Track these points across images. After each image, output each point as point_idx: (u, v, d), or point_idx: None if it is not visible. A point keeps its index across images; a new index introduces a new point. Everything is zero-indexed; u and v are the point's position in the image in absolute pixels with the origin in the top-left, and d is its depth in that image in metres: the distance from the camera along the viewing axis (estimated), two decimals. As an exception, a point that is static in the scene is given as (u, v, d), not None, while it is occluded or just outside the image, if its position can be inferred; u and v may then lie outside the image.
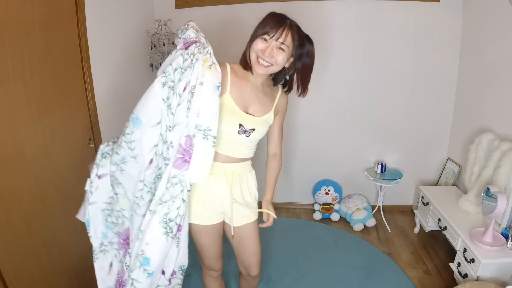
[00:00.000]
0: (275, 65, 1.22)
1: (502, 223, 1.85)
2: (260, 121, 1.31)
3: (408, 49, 2.59)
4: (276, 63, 1.21)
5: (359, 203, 2.82)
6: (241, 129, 1.26)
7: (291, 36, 1.20)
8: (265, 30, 1.18)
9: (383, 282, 2.07)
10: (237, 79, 1.28)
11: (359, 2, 2.52)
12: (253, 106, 1.30)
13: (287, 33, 1.19)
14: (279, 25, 1.18)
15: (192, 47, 1.18)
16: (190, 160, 1.19)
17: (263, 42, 1.20)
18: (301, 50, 1.26)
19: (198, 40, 1.21)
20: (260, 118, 1.31)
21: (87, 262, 1.96)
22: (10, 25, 1.41)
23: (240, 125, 1.26)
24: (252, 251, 1.45)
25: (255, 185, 1.45)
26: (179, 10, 2.70)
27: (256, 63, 1.22)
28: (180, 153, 1.19)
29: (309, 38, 1.28)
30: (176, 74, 1.15)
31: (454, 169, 2.60)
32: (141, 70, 2.55)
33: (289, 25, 1.20)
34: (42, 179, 1.62)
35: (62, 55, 1.73)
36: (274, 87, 1.39)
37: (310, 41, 1.28)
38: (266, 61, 1.20)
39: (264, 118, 1.32)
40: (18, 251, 1.49)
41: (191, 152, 1.18)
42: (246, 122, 1.27)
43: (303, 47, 1.26)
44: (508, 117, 2.05)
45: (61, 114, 1.74)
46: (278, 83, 1.39)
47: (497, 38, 2.13)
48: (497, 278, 1.69)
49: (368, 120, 2.80)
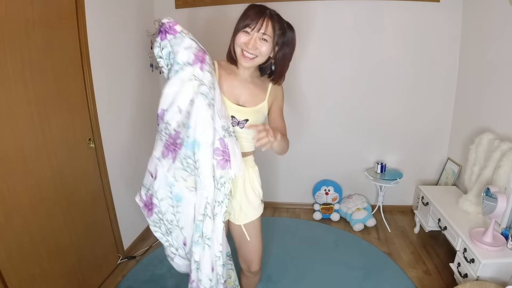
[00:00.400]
0: (259, 56, 1.24)
1: (502, 223, 1.85)
2: (252, 111, 1.33)
3: (408, 49, 2.59)
4: (260, 54, 1.24)
5: (359, 203, 2.82)
6: (234, 121, 1.30)
7: (271, 25, 1.21)
8: (246, 23, 1.21)
9: (383, 282, 2.07)
10: (225, 74, 1.32)
11: (359, 2, 2.52)
12: (244, 98, 1.33)
13: (267, 24, 1.20)
14: (259, 16, 1.20)
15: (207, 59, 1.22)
16: (229, 159, 1.23)
17: (246, 35, 1.22)
18: (283, 38, 1.27)
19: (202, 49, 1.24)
20: (252, 108, 1.33)
21: (87, 262, 1.96)
22: (10, 25, 1.41)
23: (233, 117, 1.29)
24: (253, 247, 1.49)
25: (258, 182, 1.46)
26: (179, 10, 2.70)
27: (241, 57, 1.24)
28: (219, 155, 1.22)
29: (290, 26, 1.29)
30: (211, 90, 1.19)
31: (454, 169, 2.60)
32: (141, 70, 2.55)
33: (269, 15, 1.21)
34: (42, 179, 1.62)
35: (62, 55, 1.73)
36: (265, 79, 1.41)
37: (292, 29, 1.29)
38: (250, 53, 1.22)
39: (256, 108, 1.34)
40: (18, 251, 1.49)
41: (228, 151, 1.23)
42: (238, 113, 1.30)
43: (285, 36, 1.27)
44: (508, 117, 2.05)
45: (61, 114, 1.74)
46: (265, 73, 1.40)
47: (497, 38, 2.13)
48: (497, 278, 1.69)
49: (368, 120, 2.80)
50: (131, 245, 2.45)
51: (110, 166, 2.15)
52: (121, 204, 2.29)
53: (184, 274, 1.49)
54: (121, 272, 2.19)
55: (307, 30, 2.62)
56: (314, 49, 2.66)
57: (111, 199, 2.18)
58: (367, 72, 2.68)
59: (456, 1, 2.46)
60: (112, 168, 2.18)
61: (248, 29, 1.21)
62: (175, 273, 2.16)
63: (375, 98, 2.74)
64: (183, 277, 2.12)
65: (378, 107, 2.76)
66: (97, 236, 2.05)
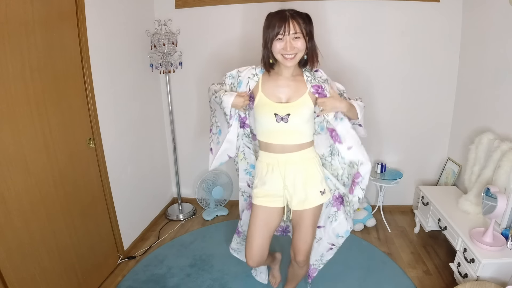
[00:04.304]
0: (299, 52, 1.36)
1: (502, 223, 1.85)
2: (294, 105, 1.42)
3: (408, 49, 2.59)
4: (299, 50, 1.36)
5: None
6: (278, 117, 1.41)
7: (297, 24, 1.32)
8: (276, 32, 1.32)
9: (383, 282, 2.07)
10: (267, 78, 1.47)
11: (359, 2, 2.52)
12: (287, 95, 1.44)
13: (293, 24, 1.32)
14: (283, 21, 1.31)
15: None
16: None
17: (280, 42, 1.34)
18: (309, 27, 1.38)
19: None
20: (294, 102, 1.42)
21: (87, 262, 1.96)
22: (10, 25, 1.41)
23: (275, 114, 1.41)
24: (302, 237, 1.56)
25: (319, 172, 1.53)
26: (179, 10, 2.70)
27: (284, 60, 1.36)
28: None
29: (308, 15, 1.39)
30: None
31: (454, 169, 2.60)
32: (141, 70, 2.55)
33: (291, 16, 1.32)
34: (42, 179, 1.62)
35: (62, 55, 1.73)
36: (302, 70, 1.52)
37: (309, 17, 1.40)
38: (291, 54, 1.34)
39: (298, 101, 1.43)
40: (18, 251, 1.49)
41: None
42: (280, 110, 1.41)
43: (309, 24, 1.38)
44: (508, 117, 2.05)
45: (61, 114, 1.74)
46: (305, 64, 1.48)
47: (497, 38, 2.13)
48: (497, 278, 1.69)
49: (368, 120, 2.77)
50: (131, 245, 2.45)
51: (110, 166, 2.15)
52: (121, 204, 2.29)
53: (185, 274, 1.49)
54: (121, 272, 2.19)
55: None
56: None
57: (111, 199, 2.18)
58: (367, 72, 2.68)
59: (456, 1, 2.46)
60: (112, 168, 2.18)
61: (280, 36, 1.32)
62: (175, 273, 2.17)
63: (375, 98, 2.74)
64: (183, 277, 2.13)
65: (378, 107, 2.76)
66: (97, 236, 2.05)
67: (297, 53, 1.36)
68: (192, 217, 2.93)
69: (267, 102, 1.43)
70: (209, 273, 2.16)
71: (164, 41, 2.51)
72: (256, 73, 1.48)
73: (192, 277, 2.12)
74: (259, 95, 1.45)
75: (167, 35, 2.54)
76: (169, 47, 2.54)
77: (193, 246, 2.46)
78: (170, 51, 2.56)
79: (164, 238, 2.60)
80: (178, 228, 2.76)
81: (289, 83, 1.45)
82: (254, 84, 1.46)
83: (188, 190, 3.16)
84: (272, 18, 1.34)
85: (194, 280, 2.09)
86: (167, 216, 2.93)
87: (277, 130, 1.44)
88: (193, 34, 2.72)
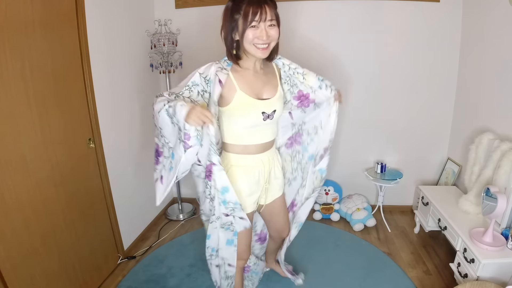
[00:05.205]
0: (273, 41, 1.25)
1: (502, 223, 1.85)
2: (275, 99, 1.37)
3: (408, 49, 2.59)
4: (273, 39, 1.25)
5: (359, 203, 2.82)
6: (265, 116, 1.34)
7: (271, 9, 1.20)
8: (251, 19, 1.18)
9: (383, 282, 2.07)
10: (238, 74, 1.32)
11: (359, 2, 2.52)
12: (264, 90, 1.35)
13: (269, 9, 1.19)
14: (259, 6, 1.17)
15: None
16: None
17: (254, 30, 1.20)
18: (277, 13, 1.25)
19: None
20: (275, 97, 1.37)
21: (87, 262, 1.97)
22: (10, 25, 1.41)
23: (263, 113, 1.33)
24: (282, 218, 1.70)
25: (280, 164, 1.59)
26: (179, 10, 2.70)
27: (256, 50, 1.24)
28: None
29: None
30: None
31: (454, 169, 2.60)
32: (141, 70, 2.55)
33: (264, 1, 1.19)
34: (42, 179, 1.62)
35: (62, 55, 1.73)
36: (269, 63, 1.44)
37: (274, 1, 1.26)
38: (265, 43, 1.22)
39: (278, 95, 1.39)
40: (18, 251, 1.49)
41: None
42: (266, 107, 1.34)
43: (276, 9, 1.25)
44: (508, 117, 2.05)
45: (61, 114, 1.74)
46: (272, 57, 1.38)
47: (497, 38, 2.13)
48: (497, 278, 1.69)
49: (368, 120, 2.80)
50: (131, 245, 2.45)
51: (110, 166, 2.15)
52: (121, 204, 2.29)
53: (185, 274, 1.50)
54: (121, 272, 2.19)
55: (307, 31, 2.62)
56: (314, 49, 2.66)
57: (111, 199, 2.18)
58: (367, 72, 2.68)
59: (456, 1, 2.46)
60: (112, 168, 2.17)
61: (255, 23, 1.18)
62: (175, 273, 2.17)
63: (375, 98, 2.74)
64: (183, 277, 2.13)
65: (378, 107, 2.76)
66: (97, 236, 2.05)
67: (271, 43, 1.24)
68: (192, 217, 2.93)
69: (251, 101, 1.30)
70: (209, 273, 2.15)
71: (164, 41, 2.51)
72: (223, 66, 1.30)
73: (192, 277, 2.12)
74: (238, 94, 1.29)
75: (167, 35, 2.54)
76: (169, 47, 2.54)
77: (193, 246, 2.46)
78: (170, 51, 2.56)
79: (164, 238, 2.60)
80: (178, 228, 2.76)
81: (261, 77, 1.36)
82: (225, 77, 1.28)
83: (188, 190, 3.16)
84: (248, 5, 1.17)
85: (194, 280, 2.09)
86: (167, 216, 2.93)
87: (263, 129, 1.38)
88: (193, 34, 2.72)
